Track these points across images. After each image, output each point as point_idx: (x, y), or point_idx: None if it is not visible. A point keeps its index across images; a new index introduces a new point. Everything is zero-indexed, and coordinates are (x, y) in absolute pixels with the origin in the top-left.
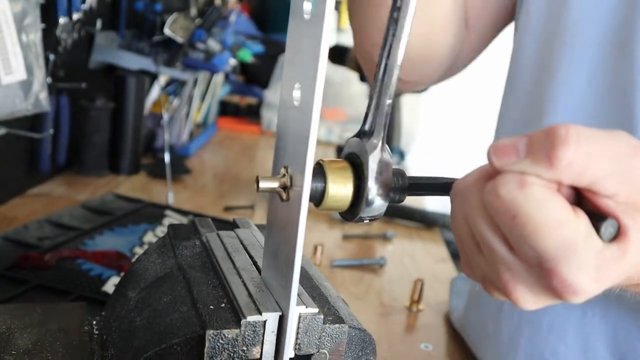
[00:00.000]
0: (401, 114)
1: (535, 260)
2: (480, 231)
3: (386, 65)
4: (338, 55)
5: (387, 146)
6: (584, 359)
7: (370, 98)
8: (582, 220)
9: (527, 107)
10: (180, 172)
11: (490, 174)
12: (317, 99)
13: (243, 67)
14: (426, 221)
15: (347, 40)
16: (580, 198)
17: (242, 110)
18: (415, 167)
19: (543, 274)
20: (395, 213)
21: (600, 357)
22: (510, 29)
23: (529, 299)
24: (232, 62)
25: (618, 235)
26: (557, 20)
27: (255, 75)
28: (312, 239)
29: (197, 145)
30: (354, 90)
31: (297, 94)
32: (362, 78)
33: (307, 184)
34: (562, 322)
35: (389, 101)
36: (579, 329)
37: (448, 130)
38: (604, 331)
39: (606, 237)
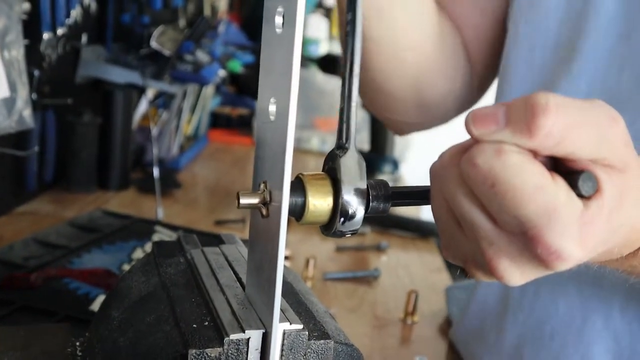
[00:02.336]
0: None
1: (517, 229)
2: (460, 206)
3: (349, 74)
4: (330, 64)
5: (360, 154)
6: None
7: (340, 110)
8: (560, 184)
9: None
10: (171, 186)
11: (466, 148)
12: (292, 114)
13: (234, 78)
14: (421, 231)
15: (339, 49)
16: (555, 163)
17: (233, 121)
18: (411, 176)
19: (527, 243)
20: (390, 223)
21: None
22: None
23: (514, 273)
24: (222, 73)
25: (596, 190)
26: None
27: (247, 86)
28: (304, 252)
29: (187, 158)
30: None
31: (272, 108)
32: None
33: (286, 200)
34: (563, 330)
35: (354, 109)
36: (580, 337)
37: (444, 138)
38: (605, 339)
39: (585, 191)
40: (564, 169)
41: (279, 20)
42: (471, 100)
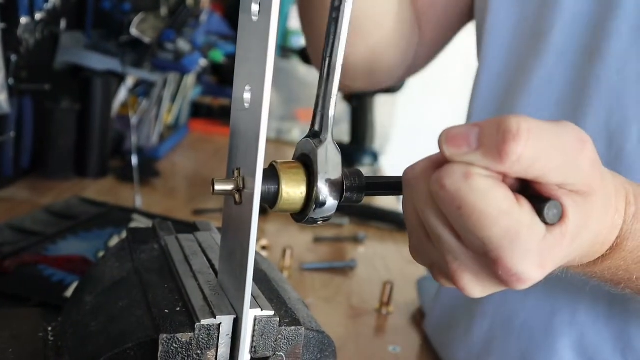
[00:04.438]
0: (374, 115)
1: (481, 249)
2: (428, 220)
3: (329, 64)
4: None
5: (336, 145)
6: None
7: (317, 97)
8: (525, 209)
9: (498, 108)
10: (150, 175)
11: (439, 163)
12: (266, 101)
13: (215, 68)
14: (399, 223)
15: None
16: (523, 184)
17: (214, 111)
18: (391, 168)
19: (489, 263)
20: (368, 215)
21: None
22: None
23: (475, 287)
24: (203, 62)
25: (560, 217)
26: (532, 26)
27: (228, 76)
28: (281, 242)
29: (167, 147)
30: None
31: (247, 96)
32: None
33: (258, 188)
34: (532, 324)
35: (334, 99)
36: (548, 332)
37: (424, 131)
38: (571, 334)
39: (550, 219)
40: (532, 192)
41: (255, 7)
42: (416, 70)
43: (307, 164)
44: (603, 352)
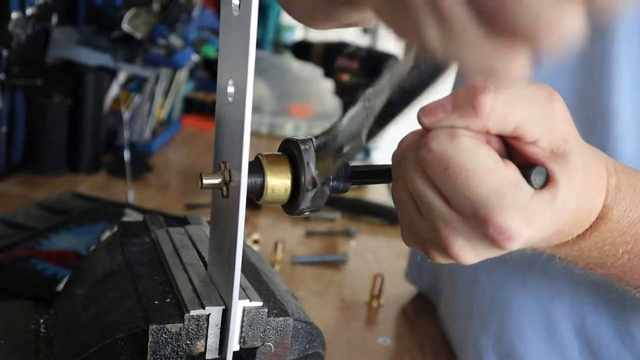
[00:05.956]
0: None
1: (470, 210)
2: (417, 189)
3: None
4: (303, 51)
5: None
6: (550, 344)
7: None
8: (511, 168)
9: None
10: (142, 170)
11: (423, 134)
12: (249, 95)
13: (208, 63)
14: (390, 217)
15: (313, 35)
16: (509, 152)
17: (207, 107)
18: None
19: (479, 223)
20: (360, 209)
21: (566, 343)
22: None
23: (468, 252)
24: (195, 58)
25: (547, 182)
26: None
27: None
28: (274, 236)
29: (160, 142)
30: (322, 87)
31: (230, 90)
32: (327, 74)
33: (244, 180)
34: (530, 306)
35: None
36: (547, 314)
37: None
38: (572, 317)
39: (537, 184)
40: (518, 159)
41: (235, 1)
42: None
43: (292, 156)
44: (603, 337)
